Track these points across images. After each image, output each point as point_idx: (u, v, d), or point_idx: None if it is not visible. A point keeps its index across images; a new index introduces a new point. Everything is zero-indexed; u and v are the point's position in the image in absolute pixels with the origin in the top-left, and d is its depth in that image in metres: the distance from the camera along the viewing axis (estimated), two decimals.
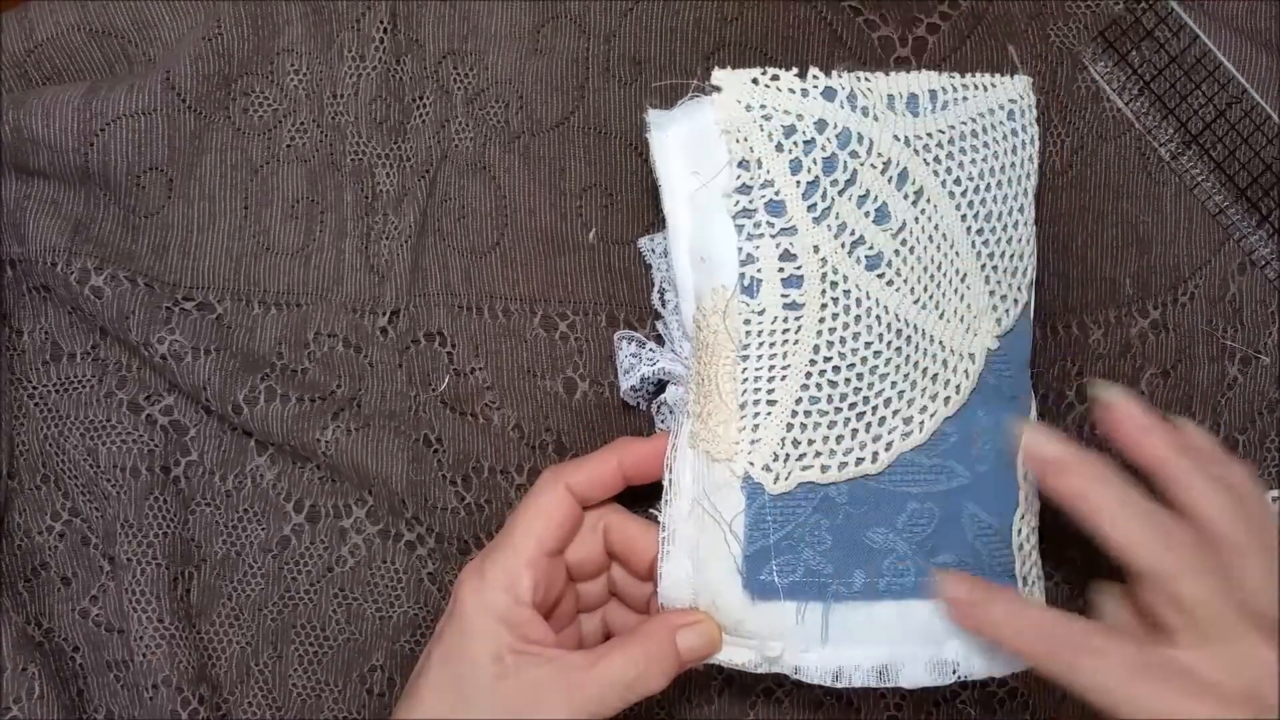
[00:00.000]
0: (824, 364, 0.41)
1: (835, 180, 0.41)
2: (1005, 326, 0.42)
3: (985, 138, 0.42)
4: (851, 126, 0.41)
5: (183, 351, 0.46)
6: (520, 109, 0.47)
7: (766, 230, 0.41)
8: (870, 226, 0.41)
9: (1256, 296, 0.48)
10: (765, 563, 0.41)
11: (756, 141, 0.41)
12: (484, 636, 0.39)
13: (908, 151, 0.41)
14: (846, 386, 0.41)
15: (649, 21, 0.47)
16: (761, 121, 0.41)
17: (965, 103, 0.42)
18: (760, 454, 0.41)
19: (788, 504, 0.41)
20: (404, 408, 0.47)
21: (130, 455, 0.47)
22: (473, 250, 0.47)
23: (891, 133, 0.41)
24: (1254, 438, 0.48)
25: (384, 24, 0.47)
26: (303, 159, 0.47)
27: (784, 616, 0.41)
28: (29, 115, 0.46)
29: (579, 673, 0.39)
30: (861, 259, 0.41)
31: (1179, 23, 0.48)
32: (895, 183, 0.41)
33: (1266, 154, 0.47)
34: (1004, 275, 0.42)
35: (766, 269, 0.41)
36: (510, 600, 0.40)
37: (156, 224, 0.47)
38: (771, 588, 0.41)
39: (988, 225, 0.42)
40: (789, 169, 0.41)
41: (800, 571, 0.41)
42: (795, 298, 0.41)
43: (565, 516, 0.41)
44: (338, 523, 0.48)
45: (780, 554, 0.41)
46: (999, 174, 0.42)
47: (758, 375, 0.41)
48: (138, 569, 0.47)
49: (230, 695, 0.47)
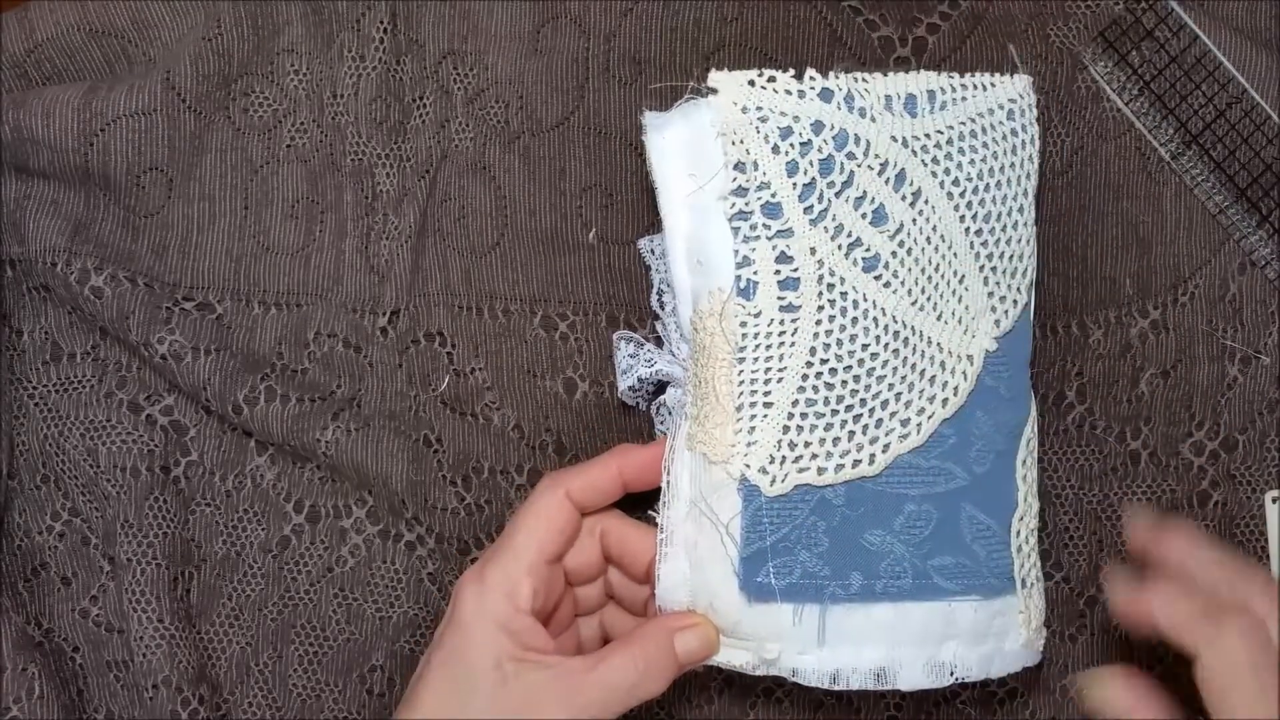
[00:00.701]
0: (820, 366, 0.41)
1: (832, 182, 0.41)
2: (1004, 328, 0.42)
3: (984, 138, 0.42)
4: (848, 128, 0.41)
5: (183, 351, 0.46)
6: (520, 109, 0.47)
7: (763, 232, 0.41)
8: (867, 228, 0.41)
9: (1256, 296, 0.48)
10: (762, 564, 0.41)
11: (753, 143, 0.41)
12: (484, 643, 0.39)
13: (905, 152, 0.41)
14: (843, 389, 0.41)
15: (649, 21, 0.47)
16: (758, 123, 0.41)
17: (964, 103, 0.42)
18: (757, 456, 0.41)
19: (785, 506, 0.41)
20: (404, 408, 0.47)
21: (130, 455, 0.47)
22: (473, 250, 0.47)
23: (889, 134, 0.41)
24: (1254, 438, 0.48)
25: (384, 24, 0.47)
26: (303, 159, 0.47)
27: (781, 618, 0.41)
28: (29, 115, 0.46)
29: (578, 677, 0.39)
30: (859, 261, 0.41)
31: (1179, 23, 0.48)
32: (893, 184, 0.41)
33: (1266, 154, 0.47)
34: (1003, 276, 0.42)
35: (763, 271, 0.41)
36: (510, 608, 0.40)
37: (156, 224, 0.47)
38: (768, 589, 0.40)
39: (986, 226, 0.42)
40: (785, 171, 0.41)
41: (797, 573, 0.41)
42: (792, 300, 0.41)
43: (565, 523, 0.41)
44: (338, 523, 0.48)
45: (777, 556, 0.41)
46: (998, 174, 0.42)
47: (754, 378, 0.41)
48: (138, 569, 0.47)
49: (230, 695, 0.47)
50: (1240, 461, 0.48)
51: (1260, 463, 0.48)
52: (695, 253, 0.42)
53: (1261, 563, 0.48)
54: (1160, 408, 0.48)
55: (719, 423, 0.41)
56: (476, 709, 0.39)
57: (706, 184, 0.41)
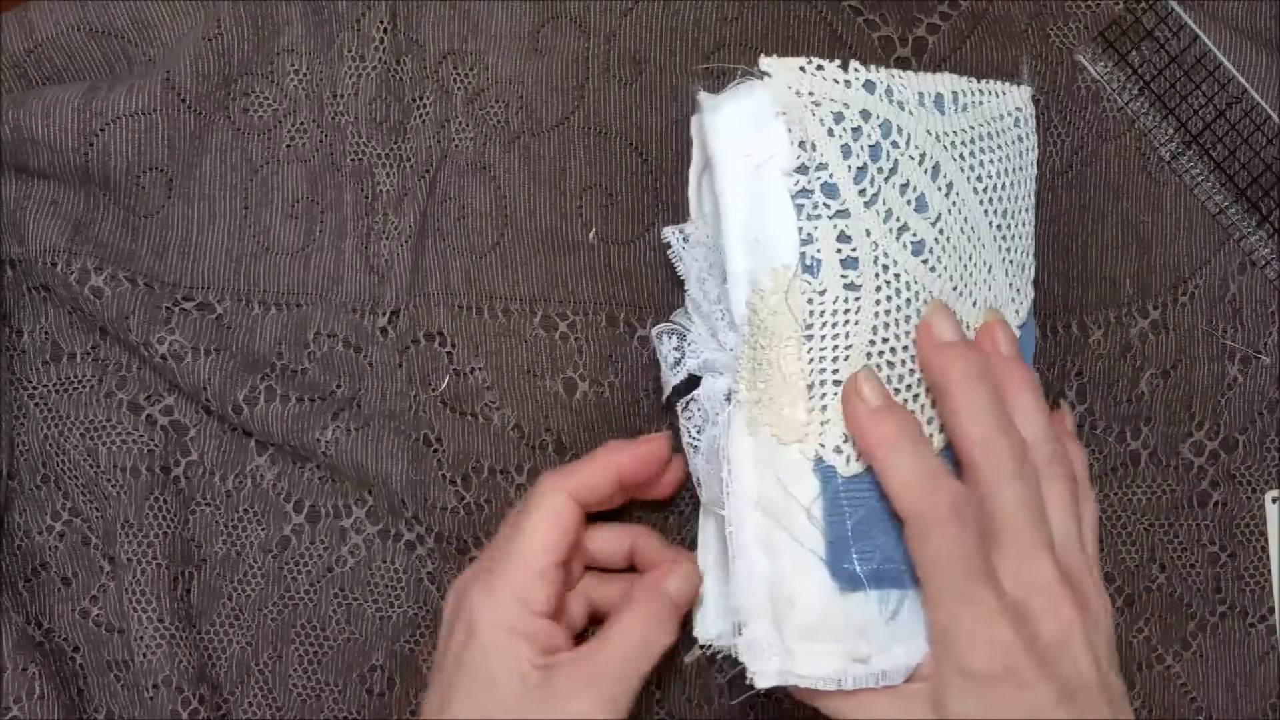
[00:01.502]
0: (882, 345, 0.40)
1: (880, 168, 0.41)
2: (1020, 319, 0.43)
3: (999, 140, 0.43)
4: (891, 118, 0.41)
5: (183, 351, 0.46)
6: (520, 109, 0.47)
7: (824, 211, 0.40)
8: (913, 214, 0.41)
9: (1256, 296, 0.48)
10: (846, 550, 0.38)
11: (810, 125, 0.40)
12: (505, 654, 0.39)
13: (939, 146, 0.42)
14: (903, 368, 0.40)
15: (649, 21, 0.47)
16: (812, 107, 0.41)
17: (981, 106, 0.43)
18: (831, 435, 0.39)
19: (858, 487, 0.39)
20: (404, 408, 0.47)
21: (130, 455, 0.47)
22: (473, 250, 0.47)
23: (924, 128, 0.41)
24: (1254, 438, 0.48)
25: (384, 24, 0.47)
26: (303, 159, 0.47)
27: (869, 609, 0.38)
28: (29, 115, 0.46)
29: (592, 660, 0.39)
30: (907, 245, 0.41)
31: (1179, 23, 0.48)
32: (930, 175, 0.41)
33: (1266, 154, 0.47)
34: (1017, 270, 0.43)
35: (825, 249, 0.40)
36: (527, 614, 0.40)
37: (156, 224, 0.47)
38: (855, 577, 0.38)
39: (1004, 222, 0.43)
40: (840, 154, 0.40)
41: (877, 558, 0.38)
42: (853, 279, 0.40)
43: (571, 525, 0.41)
44: (338, 523, 0.48)
45: (857, 540, 0.39)
46: (1011, 174, 0.43)
47: (823, 355, 0.40)
48: (138, 569, 0.47)
49: (230, 695, 0.47)
50: (1240, 461, 0.48)
51: (1260, 463, 0.48)
52: (754, 230, 0.40)
53: (1261, 563, 0.48)
54: (1160, 408, 0.48)
55: (789, 402, 0.39)
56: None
57: (767, 161, 0.40)
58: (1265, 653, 0.48)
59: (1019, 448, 0.38)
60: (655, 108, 0.47)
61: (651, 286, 0.47)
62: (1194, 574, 0.48)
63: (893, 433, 0.38)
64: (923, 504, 0.37)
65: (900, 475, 0.37)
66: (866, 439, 0.38)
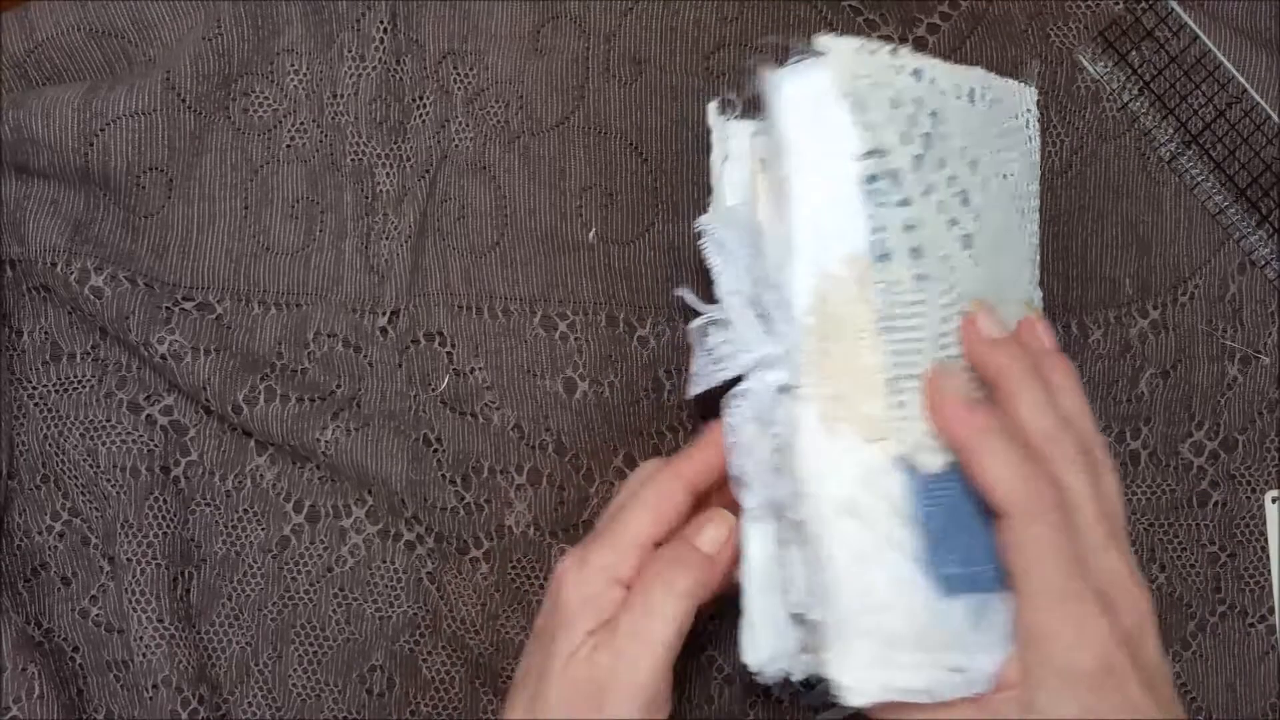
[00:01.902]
0: (947, 338, 0.39)
1: (933, 157, 0.39)
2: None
3: (1018, 137, 0.43)
4: (938, 108, 0.39)
5: (183, 351, 0.46)
6: (520, 109, 0.47)
7: (891, 198, 0.38)
8: (959, 207, 0.40)
9: (1256, 296, 0.48)
10: (939, 553, 0.36)
11: (874, 108, 0.38)
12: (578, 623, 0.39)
13: (974, 140, 0.40)
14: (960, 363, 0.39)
15: (649, 21, 0.47)
16: (871, 90, 0.39)
17: (1002, 103, 0.42)
18: (911, 431, 0.37)
19: (942, 486, 0.37)
20: (404, 407, 0.47)
21: (130, 455, 0.47)
22: (473, 250, 0.47)
23: (963, 119, 0.40)
24: (1254, 438, 0.48)
25: (384, 24, 0.47)
26: (303, 159, 0.47)
27: (956, 615, 0.36)
28: (29, 115, 0.46)
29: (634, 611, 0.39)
30: (958, 237, 0.39)
31: (1179, 23, 0.48)
32: (970, 168, 0.40)
33: (1266, 154, 0.47)
34: (1034, 268, 0.43)
35: (894, 239, 0.38)
36: (609, 580, 0.39)
37: (156, 224, 0.47)
38: (951, 581, 0.36)
39: (1023, 221, 0.43)
40: (900, 140, 0.39)
41: (966, 561, 0.37)
42: (921, 270, 0.38)
43: (677, 513, 0.41)
44: (337, 523, 0.48)
45: (946, 540, 0.37)
46: (1028, 172, 0.43)
47: (901, 348, 0.38)
48: (138, 569, 0.47)
49: (230, 695, 0.47)
50: (1240, 461, 0.48)
51: (1260, 463, 0.48)
52: (822, 217, 0.38)
53: (1261, 563, 0.48)
54: (1160, 408, 0.48)
55: (867, 397, 0.37)
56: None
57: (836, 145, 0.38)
58: (1265, 653, 0.48)
59: (1082, 439, 0.37)
60: (655, 108, 0.47)
61: (651, 286, 0.47)
62: (1194, 574, 0.48)
63: (987, 424, 0.36)
64: (1026, 496, 0.35)
65: (998, 467, 0.36)
66: (958, 431, 0.37)
